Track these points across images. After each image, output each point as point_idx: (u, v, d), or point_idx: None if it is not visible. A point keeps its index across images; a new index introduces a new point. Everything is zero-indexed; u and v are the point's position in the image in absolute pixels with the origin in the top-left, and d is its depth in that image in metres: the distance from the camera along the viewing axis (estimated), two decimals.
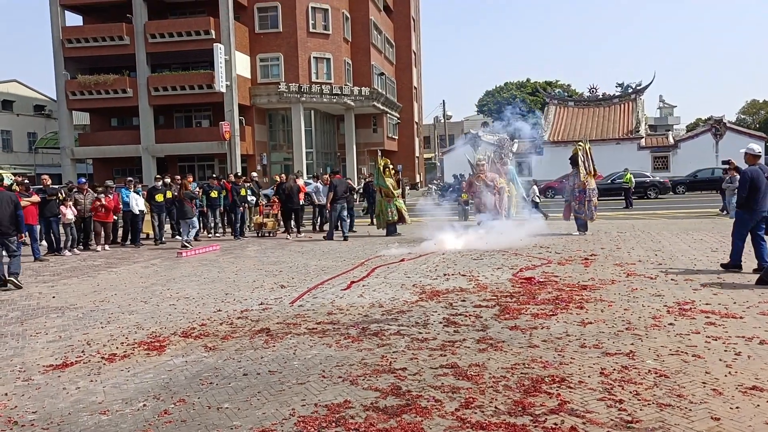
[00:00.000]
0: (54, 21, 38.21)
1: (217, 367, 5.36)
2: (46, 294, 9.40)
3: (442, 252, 12.67)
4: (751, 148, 9.21)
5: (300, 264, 11.83)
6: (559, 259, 11.09)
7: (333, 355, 5.57)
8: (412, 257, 12.02)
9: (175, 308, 8.00)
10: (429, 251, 12.75)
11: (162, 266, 12.21)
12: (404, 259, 11.75)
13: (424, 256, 12.22)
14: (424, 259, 11.74)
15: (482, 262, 11.14)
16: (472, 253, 12.41)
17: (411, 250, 12.99)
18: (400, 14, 55.67)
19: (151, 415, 4.31)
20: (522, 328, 6.28)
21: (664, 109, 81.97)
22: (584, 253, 11.75)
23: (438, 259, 11.75)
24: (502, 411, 4.13)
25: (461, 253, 12.39)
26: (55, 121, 46.58)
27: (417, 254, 12.47)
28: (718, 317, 6.41)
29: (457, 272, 9.99)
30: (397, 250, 13.02)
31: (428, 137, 70.32)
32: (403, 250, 13.12)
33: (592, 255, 11.37)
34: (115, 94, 38.23)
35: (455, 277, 9.58)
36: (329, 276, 10.15)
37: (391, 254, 12.61)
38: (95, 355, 5.91)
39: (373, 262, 11.64)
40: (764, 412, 3.97)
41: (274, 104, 40.25)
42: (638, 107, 42.26)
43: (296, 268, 11.35)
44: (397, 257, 12.13)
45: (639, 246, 12.39)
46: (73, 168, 39.13)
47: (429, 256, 12.20)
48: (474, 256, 11.98)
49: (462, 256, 11.96)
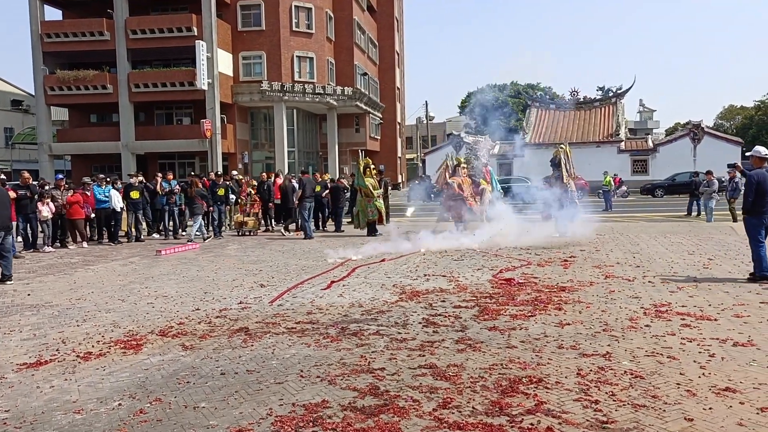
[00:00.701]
0: (33, 15, 37.61)
1: (195, 366, 5.32)
2: (21, 291, 9.27)
3: (423, 252, 12.67)
4: (758, 150, 9.04)
5: (280, 263, 11.78)
6: (539, 260, 11.16)
7: (312, 355, 5.56)
8: (392, 257, 12.00)
9: (153, 307, 7.92)
10: (407, 252, 12.74)
11: (141, 264, 12.09)
12: (384, 260, 11.74)
13: (404, 256, 12.21)
14: (405, 260, 11.75)
15: (463, 263, 11.18)
16: (453, 254, 12.45)
17: (358, 253, 12.42)
18: (383, 14, 55.65)
19: (126, 415, 4.27)
20: (501, 328, 6.31)
21: (644, 113, 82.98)
22: (564, 254, 11.84)
23: (419, 259, 11.77)
24: (480, 411, 4.15)
25: (442, 254, 12.42)
26: (32, 116, 45.89)
27: (364, 258, 12.02)
28: (694, 319, 6.50)
29: (437, 273, 10.01)
30: (360, 251, 12.70)
31: (411, 138, 70.41)
32: (365, 250, 12.78)
33: (572, 257, 11.46)
34: (94, 90, 37.72)
35: (435, 277, 9.60)
36: (309, 275, 10.12)
37: (352, 255, 12.25)
38: (70, 353, 5.84)
39: (349, 263, 11.63)
40: (737, 413, 4.03)
41: (256, 103, 40.01)
42: (618, 111, 42.68)
43: (276, 267, 11.30)
44: (364, 259, 11.91)
45: (618, 248, 12.52)
46: (50, 164, 38.56)
47: (409, 256, 12.21)
48: (455, 257, 12.02)
49: (442, 257, 12.00)
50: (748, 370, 4.88)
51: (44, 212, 14.45)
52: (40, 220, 14.53)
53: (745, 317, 6.55)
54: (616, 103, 43.37)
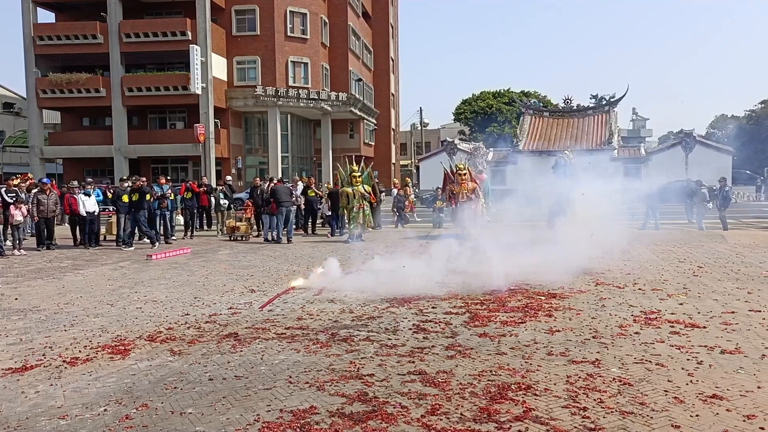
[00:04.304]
0: (25, 17, 37.52)
1: (183, 372, 5.29)
2: (9, 295, 9.19)
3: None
4: None
5: (271, 268, 11.74)
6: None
7: (301, 361, 5.53)
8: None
9: (141, 312, 7.88)
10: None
11: (130, 269, 12.02)
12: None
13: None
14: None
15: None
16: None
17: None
18: (378, 20, 55.79)
19: (112, 420, 4.23)
20: (491, 335, 6.31)
21: (636, 122, 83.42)
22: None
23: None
24: (468, 418, 4.14)
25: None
26: (24, 119, 45.69)
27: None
28: (683, 327, 6.52)
29: (430, 279, 9.97)
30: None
31: (405, 144, 70.50)
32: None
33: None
34: (87, 94, 37.62)
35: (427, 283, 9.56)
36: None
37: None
38: (57, 358, 5.79)
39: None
40: (723, 420, 4.04)
41: (250, 107, 40.00)
42: (612, 119, 42.81)
43: (267, 272, 11.26)
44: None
45: (608, 256, 12.51)
46: (42, 167, 38.37)
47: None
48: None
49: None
50: (735, 377, 4.90)
51: (17, 216, 14.62)
52: (12, 224, 14.68)
53: (733, 325, 6.58)
54: (609, 112, 43.50)
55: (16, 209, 14.54)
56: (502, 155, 40.12)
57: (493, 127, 55.16)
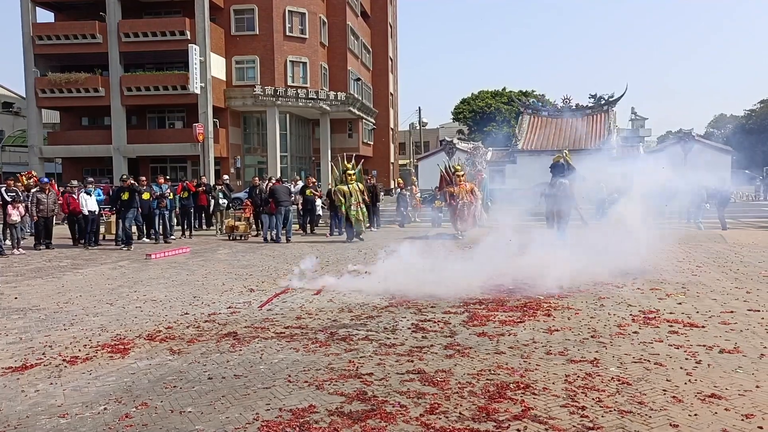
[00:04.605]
0: (25, 17, 37.49)
1: (182, 371, 5.30)
2: (8, 294, 9.20)
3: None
4: None
5: (270, 268, 11.75)
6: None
7: (300, 360, 5.54)
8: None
9: (141, 311, 7.89)
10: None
11: (130, 268, 12.03)
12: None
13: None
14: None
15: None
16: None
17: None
18: (377, 20, 55.74)
19: (112, 419, 4.24)
20: (490, 334, 6.32)
21: (635, 121, 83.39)
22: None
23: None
24: (467, 417, 4.15)
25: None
26: (23, 118, 45.66)
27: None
28: (681, 326, 6.54)
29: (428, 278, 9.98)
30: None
31: (404, 143, 70.44)
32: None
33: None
34: (86, 93, 37.59)
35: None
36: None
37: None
38: (56, 357, 5.80)
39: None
40: (722, 420, 4.05)
41: (249, 107, 39.99)
42: (610, 119, 42.86)
43: (266, 271, 11.27)
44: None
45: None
46: (41, 167, 38.30)
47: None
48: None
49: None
50: (733, 376, 4.91)
51: (14, 216, 14.66)
52: (9, 224, 14.72)
53: (732, 324, 6.59)
54: (608, 111, 43.55)
55: (14, 208, 14.56)
56: (501, 155, 40.16)
57: (491, 126, 55.18)
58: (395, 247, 11.65)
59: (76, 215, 15.98)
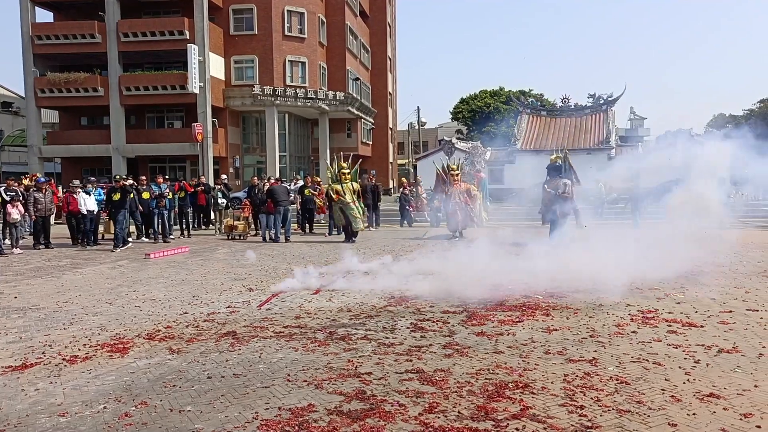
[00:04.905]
0: (24, 17, 37.47)
1: (181, 370, 5.31)
2: (8, 294, 9.20)
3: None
4: None
5: (269, 267, 11.76)
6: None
7: (299, 359, 5.55)
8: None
9: (140, 310, 7.89)
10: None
11: (129, 268, 12.03)
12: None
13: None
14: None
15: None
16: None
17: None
18: (376, 20, 55.75)
19: (111, 418, 4.25)
20: (488, 334, 6.33)
21: (634, 121, 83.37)
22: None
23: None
24: (465, 416, 4.16)
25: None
26: (22, 118, 45.63)
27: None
28: (680, 326, 6.55)
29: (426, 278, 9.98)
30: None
31: (402, 143, 70.45)
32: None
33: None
34: (85, 93, 37.58)
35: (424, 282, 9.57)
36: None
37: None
38: (56, 356, 5.81)
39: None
40: (720, 419, 4.07)
41: (248, 107, 39.99)
42: (609, 118, 42.89)
43: (265, 271, 11.28)
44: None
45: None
46: (40, 167, 38.28)
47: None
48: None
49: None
50: (732, 376, 4.92)
51: (14, 214, 14.69)
52: (10, 223, 14.75)
53: (730, 324, 6.61)
54: (607, 111, 43.59)
55: (13, 207, 14.58)
56: (500, 154, 40.16)
57: (490, 126, 55.19)
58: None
59: (75, 215, 15.97)
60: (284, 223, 16.91)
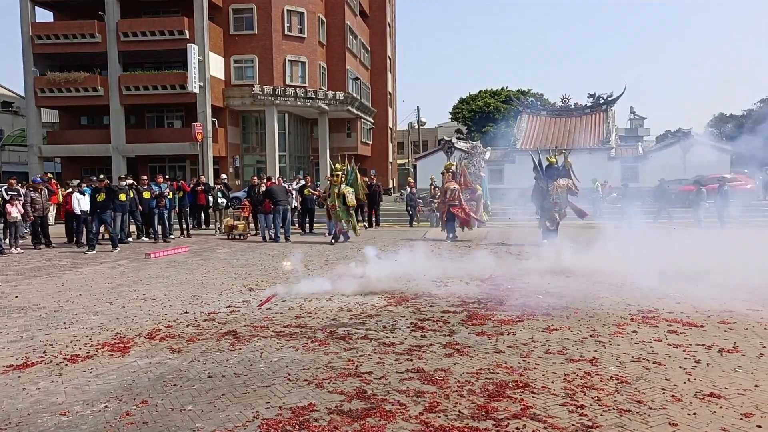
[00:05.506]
0: (24, 16, 37.44)
1: (182, 369, 5.31)
2: (9, 293, 9.21)
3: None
4: None
5: (270, 267, 11.76)
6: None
7: (299, 359, 5.56)
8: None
9: (141, 310, 7.90)
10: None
11: (129, 267, 12.04)
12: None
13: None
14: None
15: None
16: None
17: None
18: (376, 19, 55.73)
19: (112, 417, 4.26)
20: (488, 333, 6.34)
21: (634, 121, 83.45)
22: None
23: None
24: (466, 415, 4.17)
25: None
26: (22, 118, 45.59)
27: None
28: (680, 326, 6.55)
29: (427, 278, 10.00)
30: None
31: (402, 143, 70.47)
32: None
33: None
34: (85, 92, 37.55)
35: (425, 282, 9.58)
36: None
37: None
38: (57, 355, 5.81)
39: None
40: (720, 419, 4.07)
41: (247, 106, 39.98)
42: (609, 118, 42.91)
43: (266, 271, 11.28)
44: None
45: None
46: (40, 166, 38.28)
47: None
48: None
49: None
50: (732, 376, 4.93)
51: (13, 213, 14.73)
52: (9, 222, 14.77)
53: (731, 324, 6.61)
54: (607, 111, 43.61)
55: (12, 206, 14.59)
56: (500, 154, 40.17)
57: (490, 126, 55.20)
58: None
59: (72, 214, 15.95)
60: (284, 222, 16.91)
